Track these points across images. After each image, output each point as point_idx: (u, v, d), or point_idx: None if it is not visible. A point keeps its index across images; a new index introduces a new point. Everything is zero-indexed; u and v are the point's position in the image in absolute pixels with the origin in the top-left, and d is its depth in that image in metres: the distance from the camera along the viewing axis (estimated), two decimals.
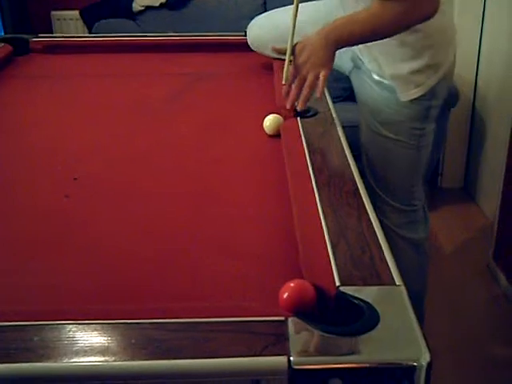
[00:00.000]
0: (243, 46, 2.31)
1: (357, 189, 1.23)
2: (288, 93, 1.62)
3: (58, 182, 1.42)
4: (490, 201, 2.93)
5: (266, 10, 3.80)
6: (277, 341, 0.82)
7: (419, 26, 1.59)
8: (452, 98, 2.83)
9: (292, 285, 0.91)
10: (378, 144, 1.88)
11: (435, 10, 1.51)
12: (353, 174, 1.29)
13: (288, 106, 1.61)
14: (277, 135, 1.58)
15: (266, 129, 1.60)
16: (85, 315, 0.89)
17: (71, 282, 1.05)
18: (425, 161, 1.92)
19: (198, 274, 1.06)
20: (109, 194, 1.37)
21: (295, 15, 1.66)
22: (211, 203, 1.31)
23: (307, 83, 1.55)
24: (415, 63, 1.71)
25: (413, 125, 1.80)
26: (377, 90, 1.81)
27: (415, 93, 1.75)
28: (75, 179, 1.41)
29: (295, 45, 1.62)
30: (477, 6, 3.00)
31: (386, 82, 1.78)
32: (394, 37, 1.61)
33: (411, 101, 1.76)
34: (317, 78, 1.54)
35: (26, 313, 0.92)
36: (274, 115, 1.62)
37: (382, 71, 1.77)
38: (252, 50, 2.20)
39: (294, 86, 1.59)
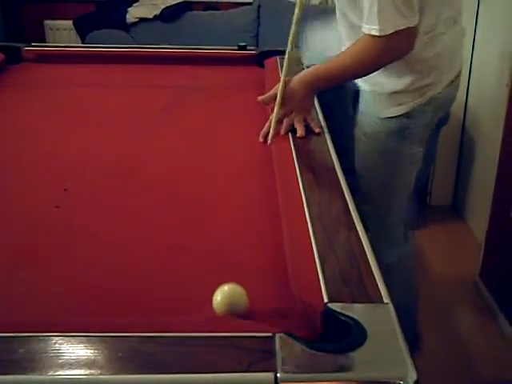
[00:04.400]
0: (236, 60, 2.32)
1: (347, 206, 1.23)
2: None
3: (49, 192, 1.41)
4: (478, 219, 2.94)
5: (259, 25, 3.83)
6: (264, 357, 0.82)
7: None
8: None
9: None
10: (360, 154, 1.89)
11: (410, 49, 1.60)
12: (343, 191, 1.29)
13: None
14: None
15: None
16: (71, 327, 0.88)
17: (58, 293, 1.04)
18: (401, 187, 1.89)
19: (186, 287, 1.06)
20: (99, 205, 1.36)
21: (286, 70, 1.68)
22: (201, 216, 1.31)
23: (300, 132, 1.64)
24: (397, 84, 1.73)
25: (388, 142, 1.81)
26: (368, 99, 1.84)
27: (392, 112, 1.76)
28: (66, 190, 1.41)
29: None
30: (468, 26, 3.02)
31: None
32: None
33: (389, 118, 1.78)
34: (304, 120, 1.68)
35: (12, 324, 0.91)
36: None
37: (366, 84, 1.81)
38: (245, 64, 2.21)
39: (283, 128, 1.67)
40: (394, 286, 0.98)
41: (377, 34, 1.53)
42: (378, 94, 1.78)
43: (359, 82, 1.85)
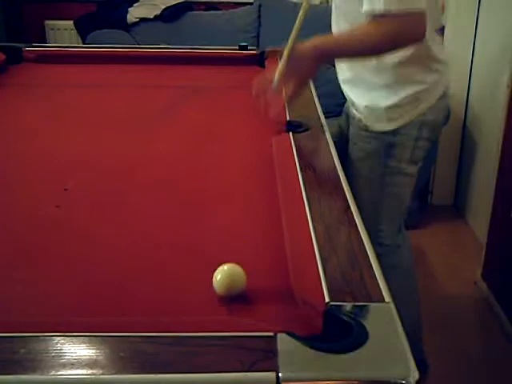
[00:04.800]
0: (237, 60, 2.32)
1: (348, 205, 1.23)
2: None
3: (49, 192, 1.41)
4: (479, 218, 2.95)
5: (260, 25, 3.83)
6: (265, 356, 0.81)
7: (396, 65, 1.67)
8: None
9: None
10: (351, 169, 1.86)
11: (421, 37, 1.55)
12: (344, 191, 1.29)
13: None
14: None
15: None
16: (73, 327, 0.88)
17: (59, 293, 1.04)
18: (391, 204, 1.87)
19: (187, 287, 1.06)
20: (99, 205, 1.36)
21: (300, 23, 1.63)
22: (201, 216, 1.31)
23: (290, 92, 1.63)
24: (393, 99, 1.73)
25: (376, 159, 1.80)
26: (361, 113, 1.83)
27: (383, 126, 1.77)
28: (66, 190, 1.41)
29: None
30: (469, 25, 3.03)
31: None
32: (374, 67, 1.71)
33: (378, 133, 1.78)
34: (300, 86, 1.65)
35: (13, 324, 0.91)
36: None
37: (358, 100, 1.81)
38: (246, 64, 2.21)
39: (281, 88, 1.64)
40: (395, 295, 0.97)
41: (381, 10, 1.48)
42: (372, 109, 1.77)
43: (354, 98, 1.84)
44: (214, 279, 1.01)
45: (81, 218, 1.30)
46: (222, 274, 1.01)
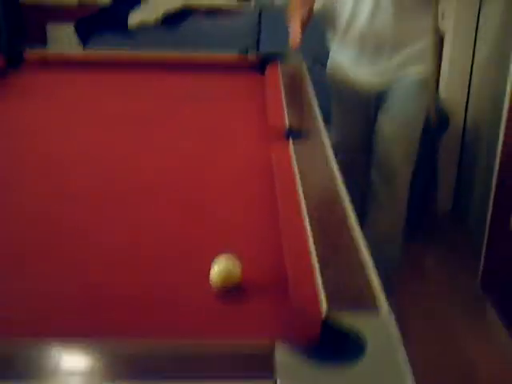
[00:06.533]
0: (237, 66, 2.32)
1: (346, 213, 1.23)
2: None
3: (49, 192, 1.42)
4: (478, 225, 2.94)
5: (260, 31, 3.84)
6: (263, 365, 0.81)
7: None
8: (443, 121, 2.85)
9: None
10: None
11: None
12: (342, 198, 1.29)
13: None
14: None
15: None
16: (70, 332, 0.88)
17: (56, 297, 1.03)
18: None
19: (186, 293, 1.05)
20: (99, 206, 1.37)
21: None
22: (200, 223, 1.31)
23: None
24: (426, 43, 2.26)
25: (423, 104, 2.31)
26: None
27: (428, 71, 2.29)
28: (68, 192, 1.41)
29: None
30: (469, 31, 3.03)
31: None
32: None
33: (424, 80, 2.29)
34: None
35: (8, 328, 0.91)
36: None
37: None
38: (245, 70, 2.21)
39: None
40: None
41: None
42: (422, 58, 2.24)
43: (407, 61, 2.25)
44: (211, 272, 1.05)
45: (80, 219, 1.30)
46: (218, 266, 1.04)
